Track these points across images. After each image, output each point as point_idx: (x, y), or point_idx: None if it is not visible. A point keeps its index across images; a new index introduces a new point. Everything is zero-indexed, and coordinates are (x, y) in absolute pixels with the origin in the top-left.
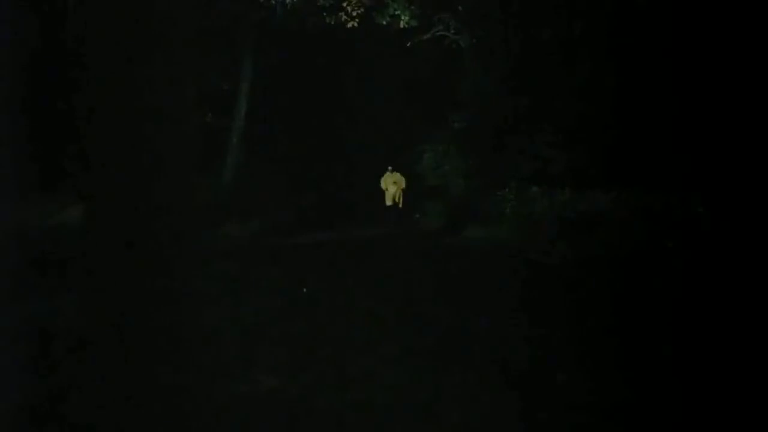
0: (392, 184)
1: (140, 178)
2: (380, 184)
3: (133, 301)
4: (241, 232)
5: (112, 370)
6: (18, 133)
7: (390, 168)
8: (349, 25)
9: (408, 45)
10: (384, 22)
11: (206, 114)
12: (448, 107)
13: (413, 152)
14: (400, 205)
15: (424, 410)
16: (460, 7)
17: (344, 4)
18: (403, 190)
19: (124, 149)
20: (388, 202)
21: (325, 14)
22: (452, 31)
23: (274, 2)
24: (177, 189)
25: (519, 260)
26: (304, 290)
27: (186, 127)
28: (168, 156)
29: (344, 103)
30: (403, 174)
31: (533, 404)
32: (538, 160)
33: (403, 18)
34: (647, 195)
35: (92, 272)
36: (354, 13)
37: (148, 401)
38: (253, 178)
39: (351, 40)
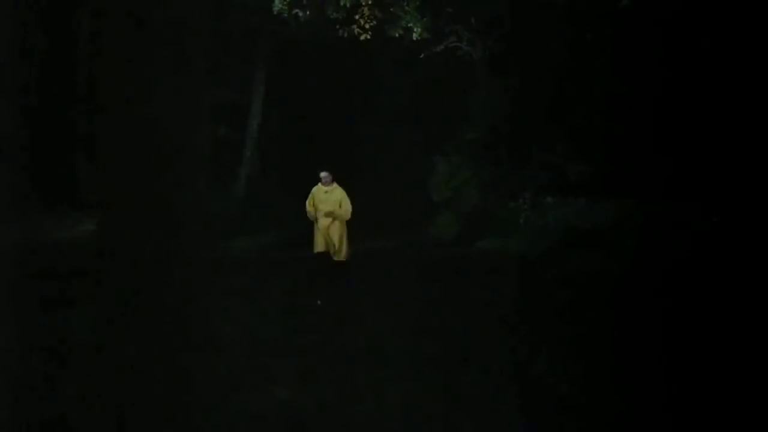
0: (325, 210)
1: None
2: (306, 206)
3: (145, 314)
4: (254, 244)
5: (122, 383)
6: (29, 147)
7: (324, 176)
8: (362, 37)
9: (421, 57)
10: (397, 35)
11: (220, 127)
12: (461, 118)
13: (426, 163)
14: (343, 254)
15: (436, 422)
16: (473, 19)
17: (357, 17)
18: (347, 223)
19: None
20: (318, 248)
21: (338, 27)
22: (465, 43)
23: (287, 15)
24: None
25: (533, 271)
26: (318, 302)
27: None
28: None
29: (357, 115)
30: (409, 186)
31: (548, 418)
32: (551, 171)
33: (415, 30)
34: (662, 205)
35: (104, 285)
36: (367, 26)
37: (160, 414)
38: (266, 191)
39: (364, 53)
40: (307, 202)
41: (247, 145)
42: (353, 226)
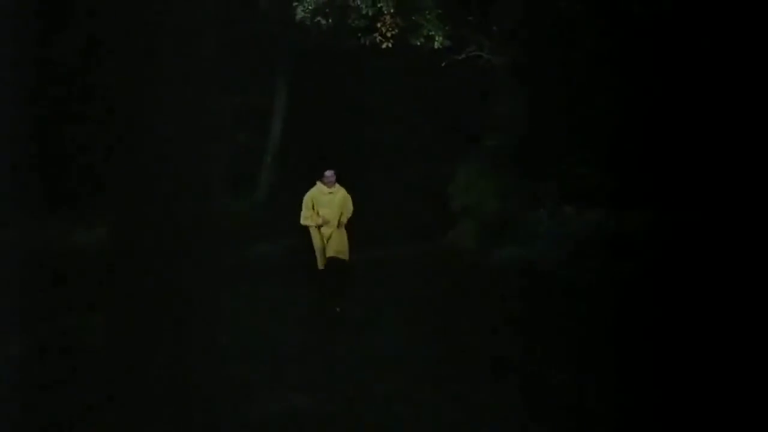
0: (329, 217)
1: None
2: (302, 215)
3: (162, 320)
4: (274, 250)
5: (138, 390)
6: (37, 152)
7: (329, 176)
8: (384, 45)
9: (443, 65)
10: (418, 43)
11: (241, 133)
12: (482, 127)
13: (446, 170)
14: (347, 254)
15: (455, 429)
16: (494, 28)
17: (379, 25)
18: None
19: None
20: (319, 260)
21: (359, 35)
22: (486, 52)
23: (309, 23)
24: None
25: (553, 279)
26: (338, 309)
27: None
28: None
29: (377, 122)
30: (429, 193)
31: (570, 428)
32: (572, 180)
33: (437, 38)
34: (684, 215)
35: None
36: (388, 34)
37: (178, 420)
38: (287, 198)
39: (385, 61)
40: (303, 208)
41: (268, 151)
42: (373, 233)
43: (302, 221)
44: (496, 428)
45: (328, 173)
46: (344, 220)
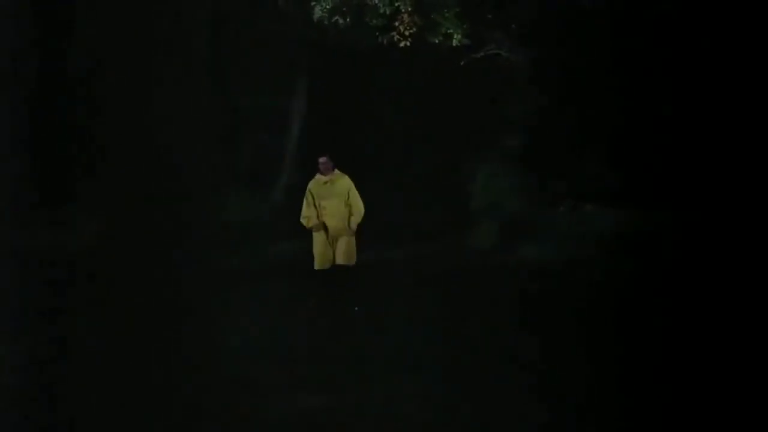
0: (328, 206)
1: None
2: (302, 213)
3: (175, 319)
4: (293, 249)
5: (149, 390)
6: (41, 149)
7: (323, 162)
8: (402, 44)
9: (461, 64)
10: (436, 41)
11: (260, 133)
12: (502, 125)
13: (466, 170)
14: (353, 258)
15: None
16: (513, 26)
17: (396, 24)
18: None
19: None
20: (319, 264)
21: (377, 34)
22: (505, 50)
23: (327, 23)
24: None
25: (573, 279)
26: (356, 309)
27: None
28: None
29: (396, 122)
30: (448, 192)
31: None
32: (593, 179)
33: (455, 37)
34: (705, 214)
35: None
36: (406, 33)
37: (189, 421)
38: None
39: (404, 60)
40: (304, 204)
41: (286, 151)
42: (391, 232)
43: (301, 219)
44: (512, 429)
45: (322, 159)
46: (354, 225)
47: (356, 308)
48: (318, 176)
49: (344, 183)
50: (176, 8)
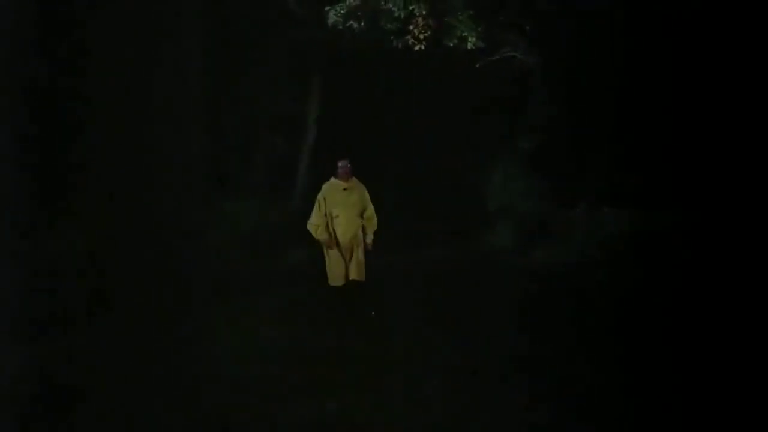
0: (345, 218)
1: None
2: (310, 219)
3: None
4: (309, 255)
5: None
6: (43, 152)
7: (342, 166)
8: (417, 47)
9: (476, 66)
10: (451, 44)
11: (276, 138)
12: (518, 127)
13: (482, 172)
14: (361, 273)
15: None
16: (528, 28)
17: (411, 28)
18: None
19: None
20: (337, 281)
21: (392, 38)
22: (520, 52)
23: (342, 27)
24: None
25: (591, 280)
26: (373, 313)
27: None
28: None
29: (412, 125)
30: (465, 194)
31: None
32: (609, 180)
33: (470, 39)
34: (723, 216)
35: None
36: (421, 36)
37: (207, 424)
38: None
39: (419, 63)
40: (314, 209)
41: (303, 156)
42: (409, 234)
43: (308, 226)
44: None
45: (341, 163)
46: (369, 240)
47: (372, 313)
48: (334, 181)
49: (363, 193)
50: (186, 16)
